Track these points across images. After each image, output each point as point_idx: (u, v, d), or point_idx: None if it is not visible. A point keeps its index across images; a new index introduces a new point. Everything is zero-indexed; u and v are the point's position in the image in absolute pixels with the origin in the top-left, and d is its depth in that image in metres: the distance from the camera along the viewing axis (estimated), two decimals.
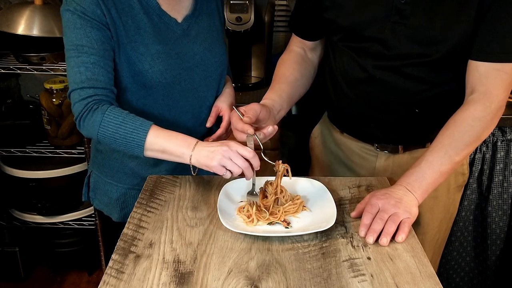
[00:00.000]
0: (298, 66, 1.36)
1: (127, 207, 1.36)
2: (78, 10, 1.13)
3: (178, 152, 1.11)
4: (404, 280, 0.92)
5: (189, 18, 1.28)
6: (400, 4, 1.13)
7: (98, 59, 1.14)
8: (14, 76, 2.39)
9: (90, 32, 1.13)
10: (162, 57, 1.22)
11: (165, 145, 1.11)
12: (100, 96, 1.14)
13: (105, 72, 1.15)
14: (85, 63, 1.13)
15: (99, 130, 1.13)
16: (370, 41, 1.19)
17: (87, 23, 1.13)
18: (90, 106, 1.13)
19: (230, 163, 1.06)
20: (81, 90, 1.13)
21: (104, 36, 1.15)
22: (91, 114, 1.13)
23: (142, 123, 1.12)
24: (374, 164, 1.36)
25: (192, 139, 1.12)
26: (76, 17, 1.13)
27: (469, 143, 1.14)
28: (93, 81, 1.13)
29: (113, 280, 0.91)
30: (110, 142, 1.14)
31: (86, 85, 1.13)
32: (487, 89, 1.13)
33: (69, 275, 2.42)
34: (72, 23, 1.14)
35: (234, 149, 1.06)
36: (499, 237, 1.96)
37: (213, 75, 1.34)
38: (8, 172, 2.17)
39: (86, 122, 1.14)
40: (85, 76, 1.13)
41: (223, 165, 1.07)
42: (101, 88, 1.14)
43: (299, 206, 1.13)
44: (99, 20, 1.14)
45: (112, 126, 1.11)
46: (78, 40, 1.13)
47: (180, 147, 1.11)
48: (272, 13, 2.21)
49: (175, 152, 1.11)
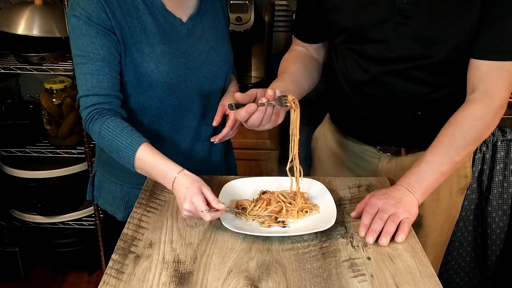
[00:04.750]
0: (300, 59, 1.36)
1: (132, 206, 1.35)
2: (84, 15, 1.13)
3: (162, 178, 1.09)
4: (404, 280, 0.92)
5: (194, 18, 1.28)
6: (402, 4, 1.13)
7: (103, 65, 1.15)
8: (14, 76, 2.39)
9: (95, 38, 1.14)
10: (167, 57, 1.22)
11: (149, 172, 1.11)
12: (102, 104, 1.16)
13: (110, 78, 1.16)
14: (91, 70, 1.15)
15: (98, 140, 1.16)
16: (373, 43, 1.18)
17: (93, 29, 1.14)
18: (91, 115, 1.15)
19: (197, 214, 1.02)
20: (87, 97, 1.16)
21: (109, 41, 1.16)
22: (92, 124, 1.16)
23: (133, 141, 1.11)
24: (376, 166, 1.36)
25: (171, 174, 1.07)
26: (82, 23, 1.14)
27: (469, 143, 1.13)
28: (98, 88, 1.15)
29: (113, 280, 0.91)
30: (108, 153, 1.18)
31: (91, 93, 1.15)
32: (488, 88, 1.12)
33: (69, 275, 2.42)
34: (78, 29, 1.15)
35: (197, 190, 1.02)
36: (499, 237, 1.96)
37: (219, 74, 1.34)
38: (8, 172, 2.17)
39: (89, 130, 1.18)
40: (90, 84, 1.15)
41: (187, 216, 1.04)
42: (105, 95, 1.16)
43: (299, 211, 1.12)
44: (104, 25, 1.15)
45: (107, 140, 1.14)
46: (84, 46, 1.15)
47: (164, 176, 1.08)
48: (272, 13, 2.21)
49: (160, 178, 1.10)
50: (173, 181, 1.06)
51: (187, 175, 1.06)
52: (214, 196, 1.03)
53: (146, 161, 1.11)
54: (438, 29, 1.12)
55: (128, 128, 1.14)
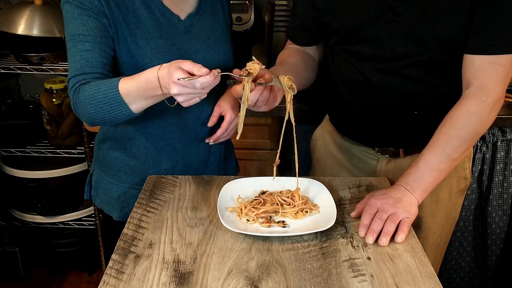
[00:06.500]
0: (298, 52, 1.37)
1: (127, 207, 1.36)
2: (76, 0, 1.14)
3: (149, 87, 1.05)
4: (404, 280, 0.92)
5: (193, 16, 1.28)
6: (392, 1, 1.13)
7: (93, 46, 1.14)
8: (14, 76, 2.39)
9: (86, 21, 1.14)
10: (162, 52, 1.22)
11: (137, 88, 1.07)
12: (88, 79, 1.13)
13: (99, 57, 1.14)
14: (80, 51, 1.14)
15: (88, 108, 1.11)
16: (365, 42, 1.19)
17: (84, 12, 1.14)
18: (76, 90, 1.13)
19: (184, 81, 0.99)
20: (74, 78, 1.14)
21: (100, 23, 1.15)
22: (78, 98, 1.12)
23: (112, 81, 1.09)
24: (375, 168, 1.36)
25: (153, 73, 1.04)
26: (74, 7, 1.15)
27: (466, 139, 1.12)
28: (85, 67, 1.13)
29: (113, 280, 0.91)
30: (103, 116, 1.11)
31: (78, 72, 1.13)
32: (482, 83, 1.11)
33: (69, 275, 2.42)
34: (70, 14, 1.15)
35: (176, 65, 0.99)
36: (499, 237, 1.97)
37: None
38: (8, 172, 2.18)
39: (78, 108, 1.14)
40: (79, 64, 1.13)
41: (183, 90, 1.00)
42: (92, 73, 1.13)
43: (299, 211, 1.12)
44: (96, 9, 1.15)
45: (92, 99, 1.09)
46: (75, 29, 1.14)
47: (149, 82, 1.05)
48: (272, 13, 2.21)
49: (148, 88, 1.05)
50: (157, 78, 1.02)
51: (166, 65, 1.02)
52: (194, 63, 0.99)
53: (128, 81, 1.07)
54: (428, 25, 1.12)
55: (105, 79, 1.11)
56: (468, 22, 1.09)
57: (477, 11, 1.08)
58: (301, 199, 1.14)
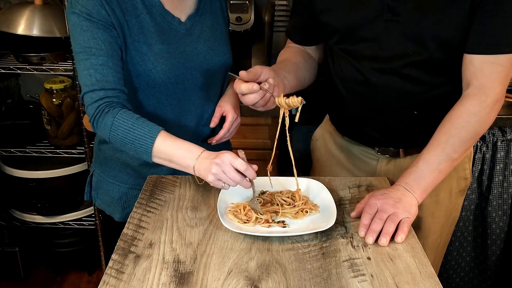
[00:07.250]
0: (299, 52, 1.37)
1: (129, 207, 1.36)
2: (84, 12, 1.13)
3: (184, 164, 1.10)
4: (404, 280, 0.92)
5: (193, 18, 1.28)
6: (391, 1, 1.13)
7: (107, 60, 1.14)
8: (14, 76, 2.39)
9: (96, 34, 1.14)
10: (165, 57, 1.22)
11: (171, 155, 1.11)
12: (111, 98, 1.14)
13: (114, 73, 1.15)
14: (94, 65, 1.14)
15: (110, 133, 1.13)
16: (365, 42, 1.19)
17: (93, 25, 1.14)
18: (101, 108, 1.14)
19: (224, 177, 1.04)
20: (92, 92, 1.14)
21: (110, 36, 1.15)
22: (102, 117, 1.13)
23: (151, 129, 1.11)
24: (375, 168, 1.36)
25: (197, 149, 1.09)
26: (82, 19, 1.14)
27: (466, 139, 1.12)
28: (103, 82, 1.14)
29: (113, 280, 0.91)
30: (121, 146, 1.15)
31: (96, 87, 1.14)
32: (482, 83, 1.11)
33: (69, 275, 2.42)
34: (79, 26, 1.14)
35: (227, 161, 1.03)
36: (499, 237, 1.97)
37: (217, 74, 1.33)
38: (8, 172, 2.18)
39: (99, 124, 1.15)
40: (95, 78, 1.14)
41: (218, 179, 1.05)
42: (111, 89, 1.14)
43: (299, 211, 1.12)
44: (104, 20, 1.14)
45: (121, 131, 1.11)
46: (86, 42, 1.14)
47: (185, 159, 1.09)
48: (272, 13, 2.21)
49: (181, 164, 1.10)
50: (199, 154, 1.08)
51: (206, 159, 1.07)
52: (246, 164, 1.04)
53: (167, 144, 1.10)
54: (427, 25, 1.11)
55: (142, 119, 1.13)
56: (468, 21, 1.09)
57: (476, 10, 1.08)
58: (301, 199, 1.14)
